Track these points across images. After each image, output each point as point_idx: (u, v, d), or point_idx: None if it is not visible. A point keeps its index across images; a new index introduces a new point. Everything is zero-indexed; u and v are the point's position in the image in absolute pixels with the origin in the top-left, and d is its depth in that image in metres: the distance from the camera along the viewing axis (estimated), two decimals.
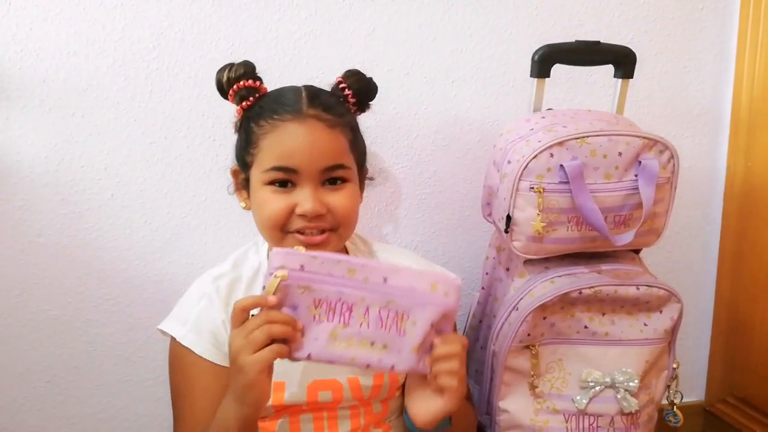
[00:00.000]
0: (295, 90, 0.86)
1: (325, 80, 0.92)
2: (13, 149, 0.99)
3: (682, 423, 1.01)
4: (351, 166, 0.85)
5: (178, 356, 0.84)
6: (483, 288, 1.05)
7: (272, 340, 0.68)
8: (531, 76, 0.98)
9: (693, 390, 1.34)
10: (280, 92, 0.86)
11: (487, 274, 1.04)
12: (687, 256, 1.31)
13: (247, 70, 0.85)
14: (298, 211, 0.81)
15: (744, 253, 1.24)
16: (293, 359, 0.70)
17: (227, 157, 1.06)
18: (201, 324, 0.83)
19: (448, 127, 1.14)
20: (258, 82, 0.85)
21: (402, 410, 0.93)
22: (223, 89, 0.86)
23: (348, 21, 1.06)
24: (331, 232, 0.83)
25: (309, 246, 0.81)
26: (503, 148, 0.94)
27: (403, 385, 0.92)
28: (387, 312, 0.71)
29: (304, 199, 0.80)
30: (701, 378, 1.35)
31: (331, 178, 0.83)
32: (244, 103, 0.85)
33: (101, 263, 1.05)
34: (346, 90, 0.87)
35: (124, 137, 1.02)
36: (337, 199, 0.82)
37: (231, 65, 0.85)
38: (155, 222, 1.06)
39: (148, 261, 1.06)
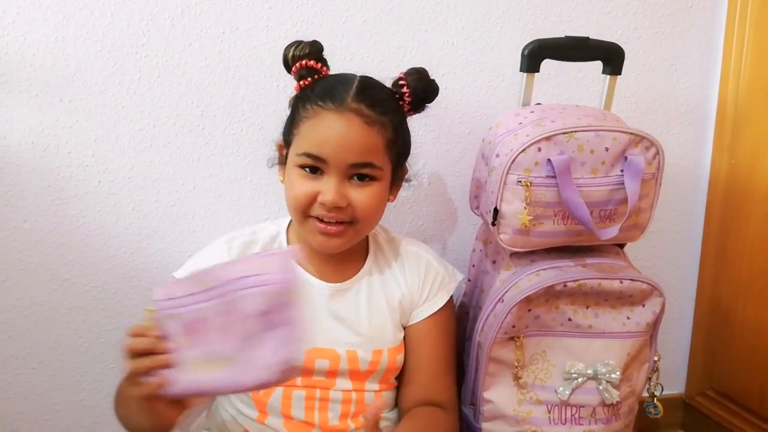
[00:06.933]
0: (348, 80, 0.86)
1: None
2: None
3: (662, 415, 1.03)
4: (382, 166, 0.85)
5: None
6: (470, 280, 1.06)
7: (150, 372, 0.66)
8: (520, 70, 0.98)
9: (673, 383, 1.36)
10: (336, 79, 0.87)
11: (473, 266, 1.05)
12: (670, 251, 1.32)
13: (312, 50, 0.87)
14: (320, 199, 0.83)
15: (726, 250, 1.26)
16: (167, 393, 0.66)
17: (216, 145, 1.06)
18: None
19: (438, 120, 1.14)
20: (320, 64, 0.87)
21: (393, 405, 0.94)
22: (288, 64, 0.88)
23: (340, 11, 1.06)
24: (348, 225, 0.85)
25: (324, 234, 0.84)
26: (492, 141, 0.94)
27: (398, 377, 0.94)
28: (232, 317, 0.63)
29: (327, 189, 0.83)
30: (682, 371, 1.37)
31: (360, 174, 0.84)
32: (302, 82, 0.87)
33: (87, 250, 1.04)
34: (405, 88, 0.88)
35: (112, 124, 1.02)
36: (361, 196, 0.84)
37: (299, 42, 0.87)
38: (143, 209, 1.05)
39: (135, 249, 1.06)
